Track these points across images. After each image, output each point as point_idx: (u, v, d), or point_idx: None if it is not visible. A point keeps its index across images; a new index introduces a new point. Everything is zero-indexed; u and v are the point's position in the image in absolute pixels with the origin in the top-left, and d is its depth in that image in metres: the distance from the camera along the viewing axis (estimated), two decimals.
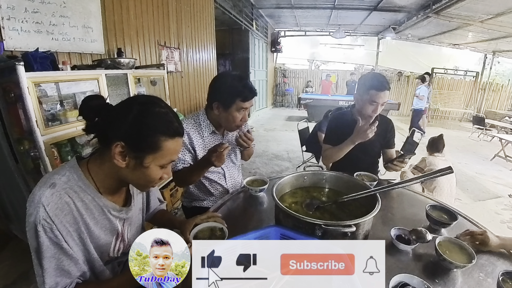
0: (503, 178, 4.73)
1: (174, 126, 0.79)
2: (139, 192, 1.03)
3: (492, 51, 10.41)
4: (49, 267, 0.72)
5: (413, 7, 6.98)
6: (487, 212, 3.35)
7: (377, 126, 1.66)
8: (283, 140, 6.37)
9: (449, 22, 6.83)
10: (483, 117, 7.96)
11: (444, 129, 8.65)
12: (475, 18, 6.55)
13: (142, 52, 2.98)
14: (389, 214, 1.30)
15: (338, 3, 7.23)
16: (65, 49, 2.09)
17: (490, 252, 1.09)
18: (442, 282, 0.93)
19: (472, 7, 5.71)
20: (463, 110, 11.10)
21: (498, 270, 0.91)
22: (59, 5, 2.01)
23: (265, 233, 0.87)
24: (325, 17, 8.76)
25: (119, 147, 0.74)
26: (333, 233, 0.84)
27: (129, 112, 0.76)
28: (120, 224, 0.90)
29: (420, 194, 1.65)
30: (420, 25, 7.70)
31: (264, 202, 1.38)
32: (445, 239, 1.05)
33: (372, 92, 1.61)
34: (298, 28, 11.04)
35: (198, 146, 1.45)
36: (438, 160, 2.76)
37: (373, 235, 1.06)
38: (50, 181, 0.75)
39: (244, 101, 1.34)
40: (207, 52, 4.59)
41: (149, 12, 3.05)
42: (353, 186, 1.15)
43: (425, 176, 1.05)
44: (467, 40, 9.40)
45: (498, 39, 8.34)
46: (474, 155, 6.16)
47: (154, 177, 0.81)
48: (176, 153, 0.83)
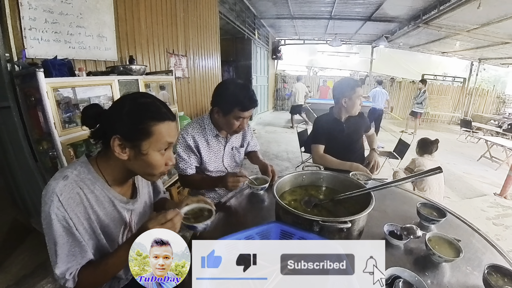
0: (488, 177, 4.72)
1: (161, 111, 0.81)
2: (145, 185, 1.04)
3: (478, 58, 10.42)
4: (62, 253, 0.74)
5: (405, 17, 6.99)
6: (474, 210, 3.34)
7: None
8: (283, 142, 6.35)
9: (438, 32, 6.84)
10: (470, 120, 7.94)
11: (433, 132, 8.64)
12: (462, 28, 6.55)
13: (152, 59, 3.00)
14: (382, 211, 1.29)
15: (334, 14, 7.24)
16: (81, 56, 2.11)
17: (476, 247, 1.09)
18: (431, 275, 0.92)
19: (459, 18, 5.71)
20: (452, 113, 11.09)
21: (484, 263, 0.90)
22: (76, 16, 2.03)
23: (266, 228, 0.87)
24: (322, 26, 8.77)
25: (116, 140, 0.76)
26: (329, 229, 0.84)
27: (122, 108, 0.79)
28: (128, 215, 0.91)
29: (411, 193, 1.65)
30: (411, 34, 7.69)
31: (265, 200, 1.38)
32: (435, 234, 1.04)
33: (358, 89, 1.86)
34: (297, 37, 11.05)
35: (203, 148, 1.45)
36: (427, 161, 2.75)
37: (367, 231, 1.05)
38: (63, 174, 0.77)
39: (242, 111, 1.31)
40: (212, 59, 4.60)
41: (159, 22, 3.06)
42: (349, 185, 1.15)
43: (416, 176, 1.05)
44: (455, 48, 9.38)
45: (484, 48, 8.34)
46: (461, 156, 6.14)
47: (156, 163, 0.82)
48: (171, 136, 0.83)
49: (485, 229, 1.23)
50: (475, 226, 1.23)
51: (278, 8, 7.01)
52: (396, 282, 0.81)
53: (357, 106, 1.88)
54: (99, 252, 0.84)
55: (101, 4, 2.24)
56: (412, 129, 7.80)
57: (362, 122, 2.06)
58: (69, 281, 0.76)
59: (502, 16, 5.48)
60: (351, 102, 1.86)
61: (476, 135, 7.44)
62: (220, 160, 1.53)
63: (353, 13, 7.16)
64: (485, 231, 1.19)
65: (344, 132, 1.93)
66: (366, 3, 6.24)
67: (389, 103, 7.43)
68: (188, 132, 1.43)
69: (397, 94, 11.27)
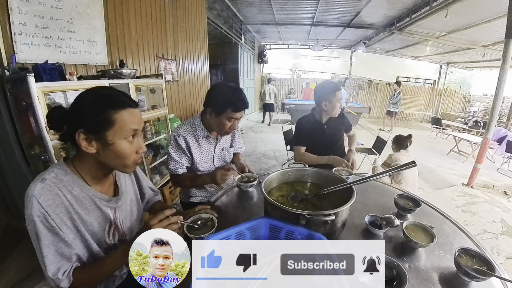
0: (457, 169, 4.88)
1: (121, 99, 0.79)
2: (129, 183, 1.01)
3: (446, 62, 10.78)
4: (49, 253, 0.71)
5: (380, 24, 7.14)
6: (445, 199, 3.43)
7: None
8: (270, 141, 6.34)
9: (410, 38, 7.03)
10: (440, 118, 8.23)
11: (408, 129, 8.85)
12: (431, 34, 6.77)
13: (142, 63, 2.92)
14: (363, 203, 1.31)
15: (316, 21, 7.30)
16: (72, 61, 2.03)
17: (448, 232, 1.13)
18: (409, 259, 0.95)
19: (428, 25, 5.90)
20: (423, 112, 11.38)
21: (455, 247, 0.93)
22: (67, 21, 1.95)
23: (256, 224, 0.87)
24: (305, 32, 8.82)
25: (81, 135, 0.74)
26: (315, 221, 0.84)
27: (82, 103, 0.76)
28: (112, 212, 0.88)
29: (388, 185, 1.67)
30: (386, 40, 7.88)
31: (254, 197, 1.38)
32: (411, 223, 1.07)
33: (338, 93, 1.83)
34: (281, 42, 11.06)
35: (194, 149, 1.42)
36: (402, 156, 2.81)
37: (350, 222, 1.06)
38: (41, 177, 0.74)
39: (234, 112, 1.31)
40: (200, 63, 4.54)
41: (148, 27, 2.99)
42: (332, 180, 1.15)
43: (393, 170, 1.06)
44: (426, 53, 9.69)
45: (451, 53, 8.66)
46: (433, 150, 6.31)
47: (125, 151, 0.79)
48: (135, 123, 0.80)
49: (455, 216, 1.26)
50: (446, 213, 1.27)
51: (264, 14, 7.01)
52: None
53: (336, 108, 1.87)
54: (88, 251, 0.81)
55: (91, 9, 2.16)
56: (388, 127, 7.98)
57: (342, 123, 2.05)
58: (63, 281, 0.73)
59: (466, 25, 5.73)
60: (331, 105, 1.85)
61: (445, 131, 7.70)
62: (210, 161, 1.51)
63: (334, 20, 7.25)
64: (455, 218, 1.23)
65: (325, 133, 1.93)
66: (346, 11, 6.33)
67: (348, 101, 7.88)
68: (179, 133, 1.40)
69: (375, 95, 11.47)
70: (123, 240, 0.94)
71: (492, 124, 3.73)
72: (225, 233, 0.81)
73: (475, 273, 0.82)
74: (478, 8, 4.72)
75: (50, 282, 0.73)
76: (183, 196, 1.62)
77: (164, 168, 2.92)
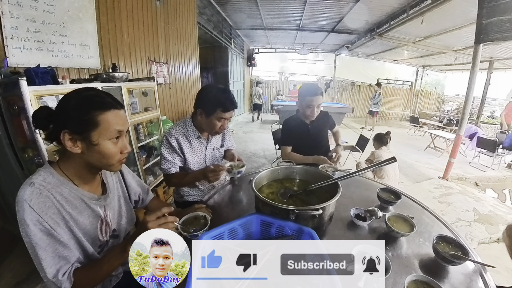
0: (433, 164, 5.01)
1: (105, 101, 0.77)
2: (116, 180, 0.99)
3: (422, 65, 11.04)
4: (47, 256, 0.68)
5: (362, 30, 7.26)
6: (423, 191, 3.50)
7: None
8: (259, 140, 6.31)
9: (389, 43, 7.16)
10: (417, 117, 8.44)
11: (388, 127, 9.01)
12: (409, 40, 6.94)
13: (134, 66, 2.86)
14: (348, 197, 1.33)
15: (302, 26, 7.36)
16: (65, 64, 1.96)
17: (426, 222, 1.16)
18: (392, 248, 0.97)
19: (406, 31, 6.06)
20: (402, 112, 11.64)
21: (433, 235, 0.96)
22: (59, 25, 1.88)
23: (248, 220, 0.86)
24: (291, 37, 8.87)
25: (66, 135, 0.72)
26: (304, 216, 0.85)
27: (67, 104, 0.75)
28: (102, 210, 0.86)
29: (371, 180, 1.70)
30: (367, 44, 8.00)
31: (245, 194, 1.37)
32: (393, 214, 1.09)
33: (308, 98, 1.76)
34: (269, 46, 11.07)
35: (186, 149, 1.41)
36: (383, 152, 2.86)
37: (336, 216, 1.07)
38: (29, 182, 0.72)
39: (224, 112, 1.30)
40: (191, 66, 4.48)
41: (140, 31, 2.93)
42: (319, 176, 1.16)
43: (375, 165, 1.08)
44: (404, 57, 9.92)
45: (426, 56, 8.90)
46: (411, 147, 6.44)
47: (109, 151, 0.77)
48: (119, 124, 0.78)
49: (432, 207, 1.30)
50: (425, 204, 1.31)
51: (252, 20, 7.00)
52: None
53: (306, 114, 1.82)
54: (82, 250, 0.79)
55: (83, 13, 2.09)
56: (370, 125, 8.09)
57: (327, 122, 2.03)
58: (64, 282, 0.70)
59: (440, 31, 5.91)
60: (302, 109, 1.84)
61: (422, 129, 7.91)
62: (202, 160, 1.50)
63: (319, 26, 7.32)
64: (433, 208, 1.27)
65: (310, 132, 1.92)
66: (330, 17, 6.40)
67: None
68: (171, 134, 1.38)
69: (357, 96, 11.65)
70: (115, 235, 0.92)
71: (464, 122, 3.84)
72: (218, 230, 0.81)
73: (452, 258, 0.85)
74: (450, 16, 4.88)
75: (50, 285, 0.70)
76: (176, 195, 1.60)
77: (157, 169, 2.87)
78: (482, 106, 8.24)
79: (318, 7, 5.76)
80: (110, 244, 0.90)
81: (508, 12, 2.89)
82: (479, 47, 3.42)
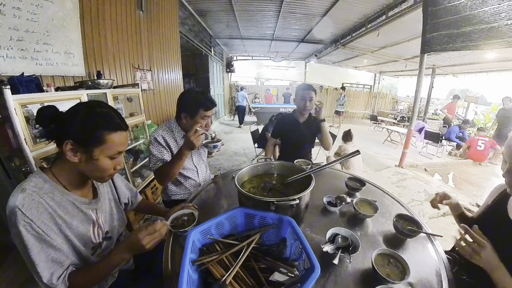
0: (391, 154, 5.29)
1: (115, 121, 0.74)
2: (105, 184, 0.94)
3: (379, 71, 11.64)
4: (40, 261, 0.63)
5: (328, 40, 7.49)
6: (383, 178, 3.64)
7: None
8: (240, 140, 6.24)
9: (351, 52, 7.47)
10: (376, 115, 8.91)
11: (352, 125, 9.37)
12: (367, 49, 7.29)
13: (119, 73, 2.69)
14: (320, 187, 1.36)
15: (276, 36, 7.41)
16: (49, 72, 1.78)
17: (387, 204, 1.21)
18: (359, 228, 1.01)
19: (365, 42, 6.36)
20: (363, 111, 12.14)
21: (393, 214, 1.02)
22: (43, 33, 1.71)
23: (233, 213, 0.85)
24: (266, 45, 8.90)
25: (69, 145, 0.68)
26: (283, 206, 0.85)
27: (76, 114, 0.70)
28: (94, 213, 0.82)
29: (340, 171, 1.76)
30: (333, 53, 8.25)
31: (229, 190, 1.35)
32: (359, 199, 1.14)
33: (301, 92, 1.82)
34: (246, 54, 11.03)
35: (173, 147, 1.36)
36: (349, 146, 2.98)
37: (311, 204, 1.10)
38: (20, 188, 0.66)
39: (206, 111, 1.30)
40: (174, 73, 4.32)
41: (124, 40, 2.76)
42: (294, 170, 1.16)
43: (342, 158, 1.12)
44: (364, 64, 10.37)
45: (382, 64, 9.40)
46: (372, 141, 6.76)
47: (106, 167, 0.74)
48: (121, 145, 0.76)
49: (391, 191, 1.37)
50: (385, 189, 1.38)
51: (230, 30, 6.92)
52: (336, 238, 0.87)
53: (300, 106, 1.83)
54: (76, 253, 0.74)
55: (67, 22, 1.91)
56: (337, 124, 8.41)
57: (314, 124, 1.93)
58: (59, 286, 0.65)
59: (393, 42, 6.31)
60: (297, 103, 1.87)
61: (380, 125, 8.33)
62: (189, 158, 1.46)
63: (290, 36, 7.42)
64: (391, 192, 1.34)
65: (300, 131, 1.89)
66: (300, 28, 6.52)
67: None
68: (158, 134, 1.33)
69: (325, 98, 11.93)
70: (108, 237, 0.88)
71: (414, 119, 4.07)
72: (206, 225, 0.79)
73: (409, 232, 0.92)
74: (401, 30, 5.20)
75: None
76: (164, 195, 1.53)
77: (145, 171, 2.74)
78: (427, 105, 8.90)
79: (290, 20, 5.84)
80: (103, 246, 0.86)
81: (445, 28, 3.12)
82: (424, 56, 3.63)
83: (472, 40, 2.84)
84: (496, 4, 2.52)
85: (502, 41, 2.54)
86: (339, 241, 0.85)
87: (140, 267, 1.07)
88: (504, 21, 2.48)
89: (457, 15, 2.95)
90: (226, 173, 1.61)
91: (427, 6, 3.32)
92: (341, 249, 0.82)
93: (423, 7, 3.41)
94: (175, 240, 0.91)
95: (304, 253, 0.67)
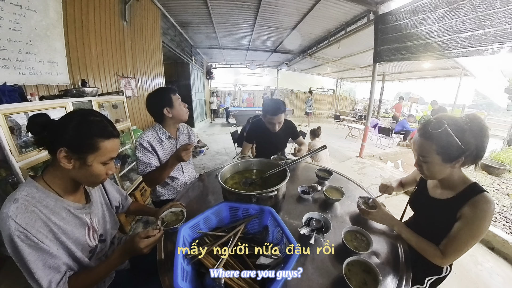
0: (352, 147, 5.54)
1: (108, 129, 0.70)
2: (96, 189, 0.88)
3: (340, 78, 12.17)
4: (38, 269, 0.57)
5: (297, 51, 7.65)
6: (347, 167, 3.81)
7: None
8: (221, 141, 6.11)
9: (317, 61, 7.69)
10: (339, 115, 9.33)
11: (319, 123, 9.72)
12: (330, 59, 7.60)
13: (104, 81, 2.48)
14: (295, 179, 1.39)
15: (251, 46, 7.39)
16: (33, 81, 1.58)
17: (351, 189, 1.27)
18: (330, 212, 1.05)
19: (328, 52, 6.62)
20: (328, 111, 12.59)
21: (356, 196, 1.07)
22: (26, 43, 1.51)
23: (218, 208, 0.84)
24: (243, 55, 8.84)
25: (63, 152, 0.63)
26: (263, 198, 0.86)
27: (70, 122, 0.65)
28: (88, 218, 0.76)
29: (310, 164, 1.81)
30: (301, 62, 8.44)
31: (214, 187, 1.33)
32: (328, 187, 1.18)
33: (269, 117, 1.61)
34: (225, 62, 10.84)
35: (159, 149, 1.29)
36: (317, 142, 3.06)
37: (288, 194, 1.12)
38: (12, 198, 0.59)
39: (175, 94, 1.29)
40: (157, 80, 4.10)
41: (108, 49, 2.55)
42: (271, 165, 1.17)
43: (312, 152, 1.13)
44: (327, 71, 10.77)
45: (343, 71, 9.88)
46: (336, 136, 7.02)
47: (98, 173, 0.70)
48: (114, 151, 0.72)
49: (354, 178, 1.45)
50: (349, 177, 1.44)
51: (210, 40, 6.76)
52: (311, 221, 0.90)
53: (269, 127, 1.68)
54: (72, 258, 0.68)
55: (51, 31, 1.71)
56: (306, 123, 8.63)
57: (289, 131, 1.87)
58: None
59: (351, 53, 6.67)
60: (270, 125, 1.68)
61: (342, 123, 8.76)
62: None
63: (264, 46, 7.45)
64: (354, 179, 1.41)
65: (272, 137, 1.80)
66: (272, 40, 6.57)
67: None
68: (143, 139, 1.25)
69: (295, 101, 12.15)
70: (102, 240, 0.82)
71: (369, 117, 4.33)
72: (195, 220, 0.77)
73: (370, 210, 0.96)
74: (357, 43, 5.51)
75: None
76: (153, 196, 1.45)
77: (133, 174, 2.57)
78: (380, 105, 9.58)
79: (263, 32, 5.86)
80: (98, 249, 0.80)
81: (392, 43, 3.41)
82: (376, 65, 3.87)
83: (413, 52, 3.12)
84: (429, 25, 2.82)
85: (435, 54, 2.83)
86: (313, 224, 0.88)
87: (135, 266, 1.00)
88: (436, 38, 2.77)
89: (401, 32, 3.23)
90: (210, 171, 1.57)
91: (378, 24, 3.62)
92: (315, 230, 0.85)
93: (374, 25, 3.68)
94: (167, 237, 0.87)
95: (285, 237, 0.68)
